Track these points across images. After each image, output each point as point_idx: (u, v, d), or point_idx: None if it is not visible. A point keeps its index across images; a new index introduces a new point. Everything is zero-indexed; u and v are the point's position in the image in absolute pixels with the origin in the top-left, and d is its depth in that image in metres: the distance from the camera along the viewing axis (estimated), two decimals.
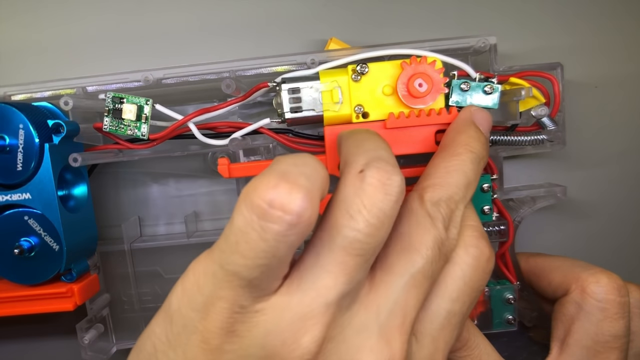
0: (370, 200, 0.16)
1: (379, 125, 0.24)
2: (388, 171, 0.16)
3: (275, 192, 0.14)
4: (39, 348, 0.33)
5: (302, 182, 0.14)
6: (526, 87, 0.24)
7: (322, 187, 0.15)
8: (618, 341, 0.22)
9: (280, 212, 0.14)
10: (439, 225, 0.18)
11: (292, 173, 0.14)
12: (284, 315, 0.15)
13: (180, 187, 0.31)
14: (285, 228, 0.14)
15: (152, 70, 0.26)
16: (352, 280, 0.16)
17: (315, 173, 0.15)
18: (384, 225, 0.16)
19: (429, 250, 0.17)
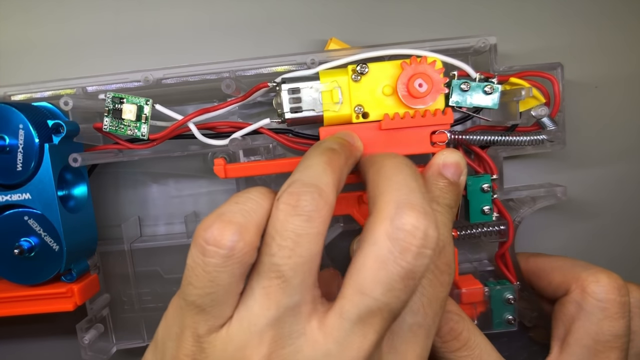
0: (281, 223, 0.17)
1: (374, 126, 0.24)
2: (298, 193, 0.17)
3: (210, 232, 0.16)
4: (39, 348, 0.33)
5: (236, 219, 0.17)
6: (526, 87, 0.24)
7: (261, 215, 0.17)
8: (618, 340, 0.22)
9: (214, 247, 0.16)
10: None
11: (228, 212, 0.17)
12: (228, 347, 0.17)
13: (180, 187, 0.31)
14: (221, 260, 0.16)
15: (152, 70, 0.26)
16: (279, 305, 0.16)
17: (256, 206, 0.17)
18: (299, 245, 0.16)
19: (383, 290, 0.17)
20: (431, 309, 0.18)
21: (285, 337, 0.16)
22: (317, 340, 0.16)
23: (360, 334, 0.16)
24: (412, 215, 0.16)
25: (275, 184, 0.28)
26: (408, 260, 0.16)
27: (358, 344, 0.16)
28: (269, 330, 0.16)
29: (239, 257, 0.16)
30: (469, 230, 0.26)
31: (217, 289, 0.17)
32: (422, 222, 0.16)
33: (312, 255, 0.17)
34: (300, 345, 0.16)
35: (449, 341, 0.22)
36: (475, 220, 0.25)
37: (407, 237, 0.16)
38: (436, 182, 0.22)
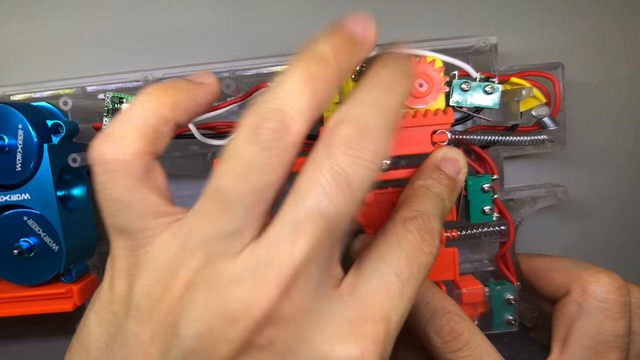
0: (235, 147, 0.16)
1: None
2: (259, 118, 0.16)
3: (92, 151, 0.17)
4: (39, 348, 0.33)
5: (111, 131, 0.17)
6: (527, 87, 0.24)
7: (145, 120, 0.17)
8: (619, 341, 0.22)
9: (98, 165, 0.17)
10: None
11: (108, 127, 0.17)
12: (160, 257, 0.16)
13: (180, 187, 0.31)
14: (106, 177, 0.16)
15: (151, 70, 0.26)
16: (217, 227, 0.16)
17: (136, 110, 0.17)
18: (250, 174, 0.15)
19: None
20: (408, 269, 0.18)
21: (218, 257, 0.16)
22: (248, 254, 0.15)
23: (290, 239, 0.15)
24: (349, 126, 0.16)
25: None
26: (341, 166, 0.15)
27: (287, 249, 0.15)
28: (202, 249, 0.16)
29: (122, 167, 0.16)
30: (470, 231, 0.26)
31: (122, 205, 0.16)
32: (357, 135, 0.16)
33: (263, 186, 0.16)
34: (232, 263, 0.15)
35: (450, 341, 0.22)
36: (476, 221, 0.25)
37: (341, 145, 0.16)
38: (430, 172, 0.22)
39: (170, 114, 0.18)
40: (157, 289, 0.16)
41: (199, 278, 0.16)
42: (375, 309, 0.17)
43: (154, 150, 0.17)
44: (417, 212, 0.19)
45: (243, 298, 0.15)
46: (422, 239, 0.18)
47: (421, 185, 0.21)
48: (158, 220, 0.17)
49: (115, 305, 0.17)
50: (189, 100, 0.19)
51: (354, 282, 0.17)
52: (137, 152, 0.16)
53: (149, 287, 0.16)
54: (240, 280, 0.15)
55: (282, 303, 0.15)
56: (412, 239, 0.18)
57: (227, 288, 0.15)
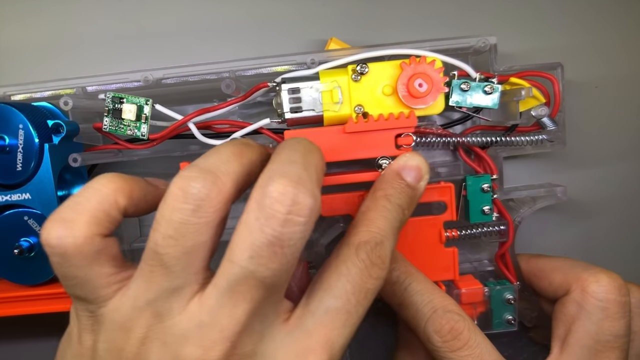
0: (167, 210, 0.16)
1: (338, 129, 0.24)
2: (189, 177, 0.16)
3: (43, 234, 0.17)
4: (39, 348, 0.33)
5: (63, 215, 0.17)
6: (526, 87, 0.24)
7: (98, 204, 0.17)
8: (619, 340, 0.22)
9: (49, 248, 0.17)
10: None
11: (60, 210, 0.17)
12: (116, 318, 0.17)
13: None
14: (59, 259, 0.17)
15: (152, 70, 0.26)
16: (159, 288, 0.17)
17: (90, 194, 0.18)
18: (184, 236, 0.16)
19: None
20: (355, 297, 0.18)
21: (165, 314, 0.17)
22: (193, 312, 0.17)
23: (230, 303, 0.16)
24: (280, 182, 0.16)
25: None
26: (274, 227, 0.16)
27: (228, 313, 0.16)
28: (149, 308, 0.17)
29: (74, 250, 0.17)
30: (469, 230, 0.26)
31: (77, 280, 0.17)
32: (290, 190, 0.16)
33: (197, 245, 0.16)
34: (179, 319, 0.17)
35: (450, 340, 0.22)
36: (475, 220, 0.25)
37: (273, 203, 0.16)
38: (392, 182, 0.22)
39: (124, 201, 0.18)
40: (116, 344, 0.17)
41: (151, 334, 0.17)
42: (319, 339, 0.18)
43: (104, 231, 0.18)
44: (370, 235, 0.19)
45: (193, 355, 0.16)
46: (372, 265, 0.19)
47: (381, 197, 0.21)
48: (110, 288, 0.18)
49: (84, 358, 0.18)
50: (141, 196, 0.19)
51: (302, 314, 0.18)
52: (87, 235, 0.17)
53: (108, 343, 0.17)
54: (189, 338, 0.16)
55: (230, 356, 0.17)
56: (362, 267, 0.18)
57: (178, 344, 0.17)
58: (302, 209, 0.16)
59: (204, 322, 0.16)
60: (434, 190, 0.25)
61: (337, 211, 0.25)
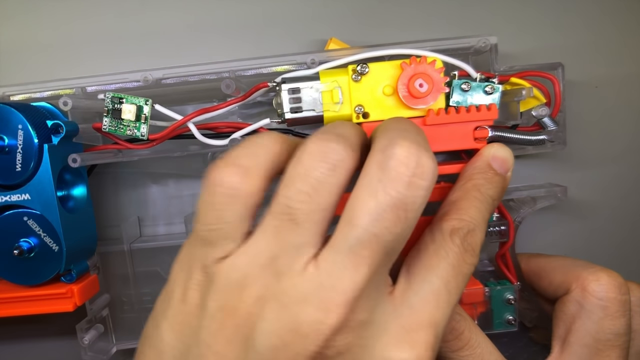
0: (304, 168, 0.17)
1: (418, 122, 0.24)
2: (328, 139, 0.17)
3: (217, 173, 0.17)
4: (39, 348, 0.33)
5: (241, 162, 0.17)
6: (527, 87, 0.24)
7: (269, 160, 0.18)
8: (619, 339, 0.22)
9: (220, 188, 0.17)
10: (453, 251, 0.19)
11: (237, 156, 0.18)
12: (231, 275, 0.17)
13: (180, 187, 0.31)
14: (225, 199, 0.17)
15: (151, 70, 0.26)
16: (284, 243, 0.17)
17: (264, 150, 0.18)
18: (318, 193, 0.17)
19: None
20: (454, 279, 0.18)
21: (285, 272, 0.17)
22: (313, 274, 0.16)
23: (352, 266, 0.16)
24: (404, 145, 0.16)
25: None
26: (398, 190, 0.16)
27: (349, 276, 0.16)
28: (271, 265, 0.17)
29: (243, 197, 0.17)
30: None
31: (223, 225, 0.17)
32: (414, 152, 0.16)
33: (328, 205, 0.17)
34: (299, 280, 0.16)
35: (451, 340, 0.22)
36: None
37: (398, 165, 0.16)
38: (483, 172, 0.22)
39: (284, 163, 0.19)
40: (230, 303, 0.17)
41: (268, 294, 0.17)
42: (425, 317, 0.18)
43: (267, 187, 0.18)
44: (463, 223, 0.19)
45: (313, 317, 0.16)
46: (466, 252, 0.19)
47: (473, 187, 0.21)
48: (236, 243, 0.18)
49: (188, 316, 0.18)
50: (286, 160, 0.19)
51: (405, 290, 0.18)
52: (259, 189, 0.18)
53: (220, 301, 0.17)
54: (308, 300, 0.16)
55: (347, 320, 0.16)
56: (458, 251, 0.19)
57: (296, 306, 0.16)
58: (426, 172, 0.16)
59: (324, 284, 0.16)
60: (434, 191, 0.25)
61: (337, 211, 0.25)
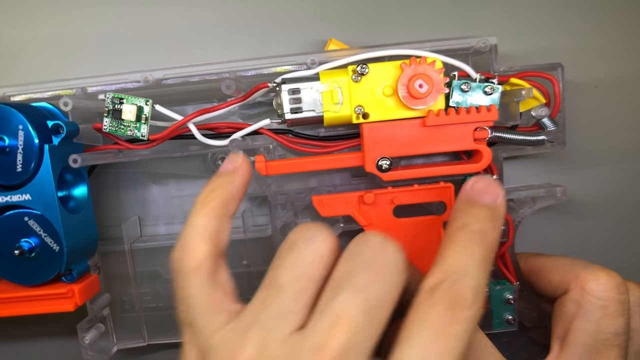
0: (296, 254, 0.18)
1: (417, 122, 0.24)
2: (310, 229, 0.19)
3: (174, 259, 0.20)
4: (40, 348, 0.33)
5: (184, 244, 0.20)
6: (526, 87, 0.24)
7: (204, 228, 0.20)
8: (618, 339, 0.22)
9: (178, 270, 0.20)
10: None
11: (182, 240, 0.20)
12: (225, 346, 0.18)
13: (181, 188, 0.31)
14: (182, 276, 0.19)
15: (152, 71, 0.26)
16: (268, 308, 0.18)
17: (195, 225, 0.20)
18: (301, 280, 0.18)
19: None
20: (438, 344, 0.16)
21: (272, 338, 0.17)
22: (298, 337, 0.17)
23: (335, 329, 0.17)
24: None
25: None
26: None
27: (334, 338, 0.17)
28: (258, 331, 0.17)
29: (196, 269, 0.19)
30: None
31: (193, 300, 0.19)
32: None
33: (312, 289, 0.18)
34: (286, 343, 0.17)
35: None
36: None
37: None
38: (462, 210, 0.20)
39: (224, 212, 0.20)
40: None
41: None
42: None
43: (218, 248, 0.20)
44: (446, 274, 0.17)
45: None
46: (454, 307, 0.17)
47: (455, 230, 0.19)
48: (220, 317, 0.18)
49: None
50: (233, 192, 0.21)
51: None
52: (205, 255, 0.19)
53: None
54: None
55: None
56: (439, 310, 0.17)
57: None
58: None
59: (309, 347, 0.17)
60: (433, 191, 0.25)
61: (337, 211, 0.25)
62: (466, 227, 0.19)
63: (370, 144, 0.24)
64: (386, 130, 0.24)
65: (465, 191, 0.20)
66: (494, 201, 0.20)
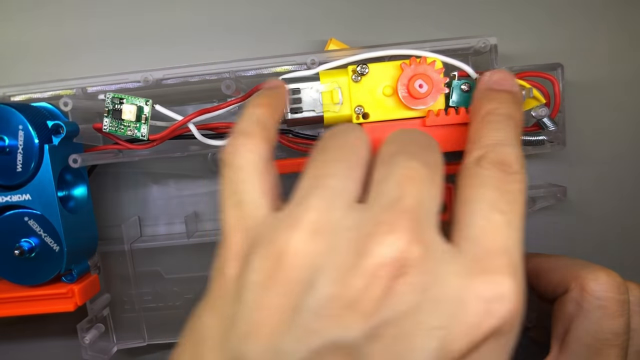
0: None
1: (417, 122, 0.24)
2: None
3: (231, 142, 0.19)
4: (40, 348, 0.33)
5: (242, 127, 0.19)
6: (527, 87, 0.24)
7: (262, 118, 0.19)
8: (618, 339, 0.22)
9: (233, 151, 0.19)
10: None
11: (240, 124, 0.19)
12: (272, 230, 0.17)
13: (181, 187, 0.31)
14: (239, 156, 0.18)
15: (151, 71, 0.26)
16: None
17: (255, 113, 0.20)
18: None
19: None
20: (502, 198, 0.17)
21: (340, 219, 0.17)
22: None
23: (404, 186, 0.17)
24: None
25: None
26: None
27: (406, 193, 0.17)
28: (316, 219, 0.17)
29: (254, 150, 0.19)
30: None
31: (246, 178, 0.18)
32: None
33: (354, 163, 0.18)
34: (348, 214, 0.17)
35: None
36: None
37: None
38: (487, 97, 0.20)
39: (274, 115, 0.20)
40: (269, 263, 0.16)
41: (325, 227, 0.16)
42: (489, 245, 0.16)
43: (270, 143, 0.19)
44: (485, 148, 0.18)
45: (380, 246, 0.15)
46: (501, 168, 0.17)
47: (485, 114, 0.20)
48: (271, 202, 0.18)
49: (228, 286, 0.17)
50: (279, 101, 0.22)
51: (458, 229, 0.17)
52: (262, 139, 0.18)
53: (263, 258, 0.16)
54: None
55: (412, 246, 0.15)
56: (491, 173, 0.17)
57: (370, 236, 0.15)
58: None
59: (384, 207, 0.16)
60: None
61: None
62: (494, 111, 0.19)
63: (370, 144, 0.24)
64: (386, 130, 0.24)
65: (484, 82, 0.21)
66: (512, 87, 0.21)
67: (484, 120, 0.19)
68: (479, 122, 0.19)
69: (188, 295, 0.30)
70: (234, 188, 0.18)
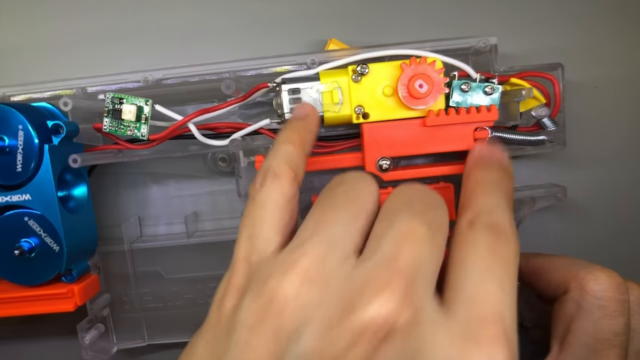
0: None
1: (418, 122, 0.24)
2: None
3: (260, 176, 0.20)
4: (40, 348, 0.33)
5: (271, 164, 0.19)
6: (527, 87, 0.24)
7: (291, 157, 0.20)
8: (618, 339, 0.22)
9: (261, 186, 0.19)
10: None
11: (269, 162, 0.20)
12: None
13: (181, 187, 0.31)
14: (270, 191, 0.19)
15: (151, 71, 0.26)
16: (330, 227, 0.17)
17: (284, 151, 0.20)
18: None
19: None
20: (494, 263, 0.17)
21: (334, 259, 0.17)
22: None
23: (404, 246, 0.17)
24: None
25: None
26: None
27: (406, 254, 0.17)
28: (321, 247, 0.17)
29: (281, 187, 0.19)
30: None
31: (266, 213, 0.18)
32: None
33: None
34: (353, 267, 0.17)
35: None
36: None
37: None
38: (479, 164, 0.21)
39: (304, 149, 0.20)
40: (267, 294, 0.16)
41: (313, 275, 0.16)
42: (482, 311, 0.16)
43: (298, 179, 0.19)
44: (475, 214, 0.18)
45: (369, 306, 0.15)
46: (493, 233, 0.17)
47: (475, 184, 0.20)
48: (282, 239, 0.18)
49: (223, 318, 0.17)
50: (310, 132, 0.22)
51: (450, 291, 0.17)
52: (288, 176, 0.19)
53: (258, 295, 0.16)
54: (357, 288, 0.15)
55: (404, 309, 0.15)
56: (484, 236, 0.17)
57: (360, 296, 0.15)
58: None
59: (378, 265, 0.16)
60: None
61: None
62: (484, 180, 0.20)
63: (370, 144, 0.24)
64: (386, 130, 0.24)
65: (473, 157, 0.22)
66: (503, 159, 0.21)
67: (476, 186, 0.20)
68: (471, 188, 0.20)
69: (188, 295, 0.30)
70: (251, 222, 0.18)
